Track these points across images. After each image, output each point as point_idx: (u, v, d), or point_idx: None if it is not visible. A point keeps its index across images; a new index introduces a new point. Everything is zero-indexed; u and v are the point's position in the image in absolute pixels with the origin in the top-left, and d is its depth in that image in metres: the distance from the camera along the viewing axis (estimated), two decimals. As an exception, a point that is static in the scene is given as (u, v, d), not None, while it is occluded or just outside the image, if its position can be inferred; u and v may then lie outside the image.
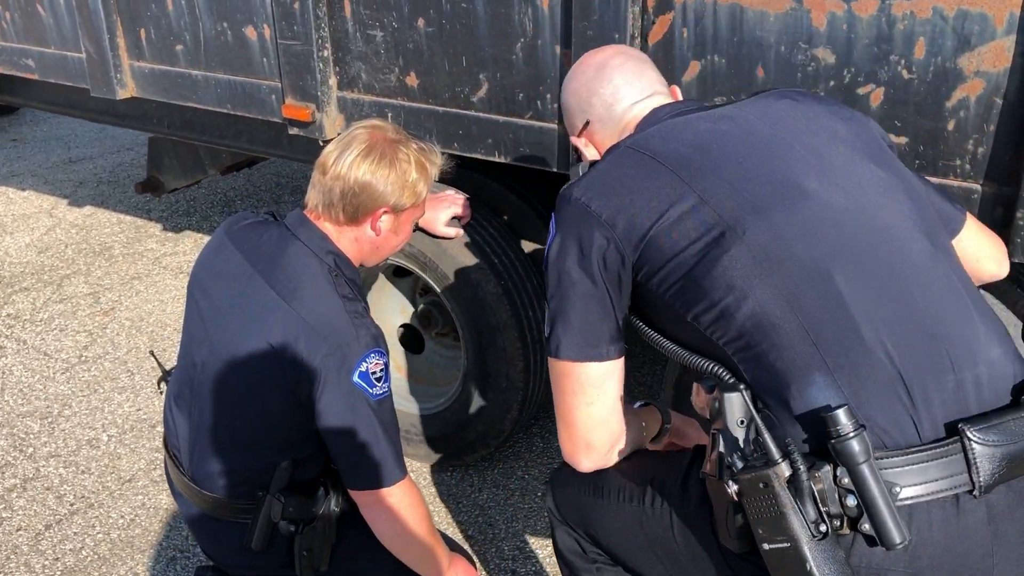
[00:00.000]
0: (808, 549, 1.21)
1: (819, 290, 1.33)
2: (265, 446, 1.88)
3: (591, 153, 1.74)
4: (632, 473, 1.64)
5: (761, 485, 1.23)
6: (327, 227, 1.92)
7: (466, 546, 2.70)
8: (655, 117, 1.62)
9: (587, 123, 1.72)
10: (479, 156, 2.52)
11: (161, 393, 2.23)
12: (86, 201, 5.56)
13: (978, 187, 1.88)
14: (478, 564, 2.64)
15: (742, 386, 1.31)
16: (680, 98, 1.73)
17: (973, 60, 1.80)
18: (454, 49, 2.44)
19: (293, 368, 1.77)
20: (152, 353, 2.29)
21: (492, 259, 2.64)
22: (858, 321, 1.31)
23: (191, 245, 4.91)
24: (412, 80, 2.56)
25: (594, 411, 1.52)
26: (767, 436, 1.24)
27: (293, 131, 2.81)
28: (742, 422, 1.29)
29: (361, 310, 1.86)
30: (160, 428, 3.32)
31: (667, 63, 2.13)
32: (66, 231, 5.14)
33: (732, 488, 1.27)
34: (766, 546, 1.24)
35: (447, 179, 2.92)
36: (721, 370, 1.38)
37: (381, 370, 1.81)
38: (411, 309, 3.10)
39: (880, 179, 1.47)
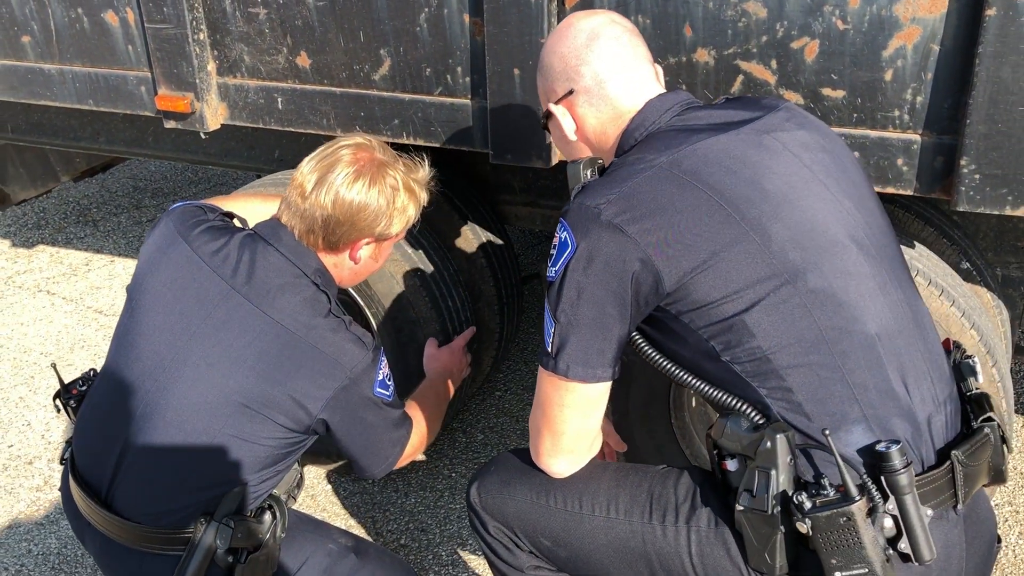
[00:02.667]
0: (883, 571, 1.34)
1: (865, 351, 1.41)
2: (226, 472, 1.71)
3: (568, 123, 1.63)
4: (614, 485, 1.60)
5: (843, 520, 1.32)
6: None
7: (400, 556, 2.53)
8: (656, 111, 1.55)
9: (571, 92, 1.60)
10: (385, 139, 2.33)
11: (58, 411, 2.00)
12: (-83, 220, 5.02)
13: (918, 137, 1.85)
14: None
15: (789, 430, 1.39)
16: (663, 82, 1.66)
17: (909, 7, 1.75)
18: (350, 24, 2.24)
19: (303, 395, 1.68)
20: (54, 366, 2.04)
21: (405, 248, 2.46)
22: (891, 380, 1.42)
23: (47, 260, 4.49)
24: (303, 60, 2.35)
25: (589, 424, 1.55)
26: (847, 475, 1.33)
27: (170, 124, 2.54)
28: (790, 461, 1.37)
29: (350, 322, 1.77)
30: (38, 463, 2.99)
31: (587, 27, 2.01)
32: (-102, 255, 4.61)
33: (806, 524, 1.34)
34: (839, 574, 1.36)
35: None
36: (750, 409, 1.42)
37: (388, 369, 1.82)
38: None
39: (882, 225, 1.55)
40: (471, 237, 2.71)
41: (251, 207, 2.06)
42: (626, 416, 2.35)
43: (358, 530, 2.65)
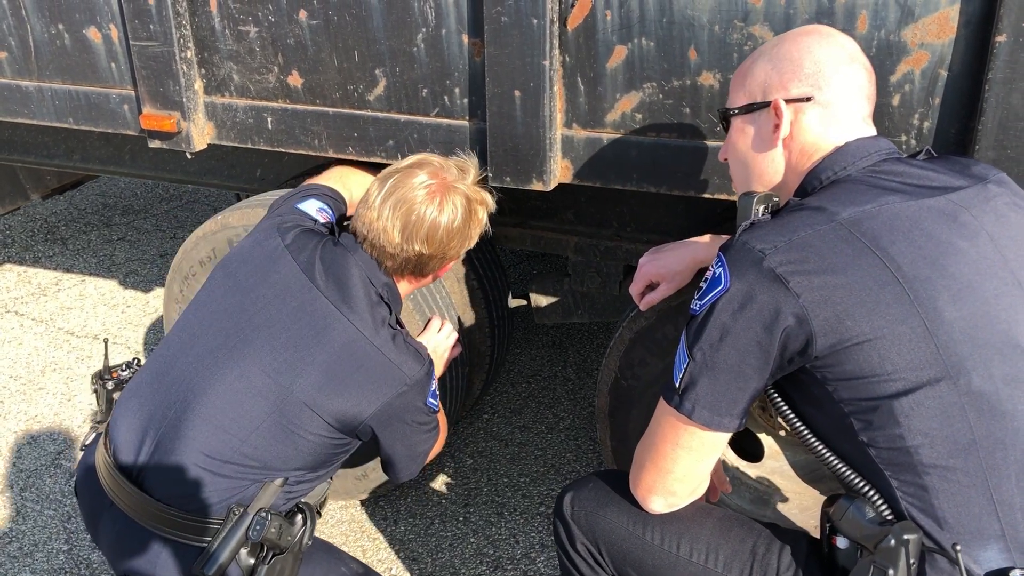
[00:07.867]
0: None
1: (1021, 469, 1.30)
2: (267, 460, 1.69)
3: (786, 127, 1.51)
4: (717, 534, 1.54)
5: None
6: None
7: (392, 587, 2.47)
8: (854, 154, 1.47)
9: (809, 98, 1.49)
10: (379, 160, 2.29)
11: (95, 391, 1.99)
12: None
13: (925, 162, 1.84)
14: (408, 605, 2.42)
15: (918, 532, 1.30)
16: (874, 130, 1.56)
17: (917, 32, 1.75)
18: (344, 43, 2.20)
19: (359, 397, 1.72)
20: (105, 342, 2.08)
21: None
22: None
23: (14, 280, 4.36)
24: (295, 80, 2.30)
25: (700, 469, 1.49)
26: None
27: (155, 144, 2.47)
28: (912, 564, 1.29)
29: (407, 335, 1.84)
30: (9, 493, 2.89)
31: (589, 50, 1.98)
32: None
33: None
34: None
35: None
36: (879, 499, 1.35)
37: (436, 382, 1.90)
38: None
39: None
40: (463, 259, 2.66)
41: (350, 183, 2.23)
42: (625, 441, 2.32)
43: (347, 559, 2.58)
